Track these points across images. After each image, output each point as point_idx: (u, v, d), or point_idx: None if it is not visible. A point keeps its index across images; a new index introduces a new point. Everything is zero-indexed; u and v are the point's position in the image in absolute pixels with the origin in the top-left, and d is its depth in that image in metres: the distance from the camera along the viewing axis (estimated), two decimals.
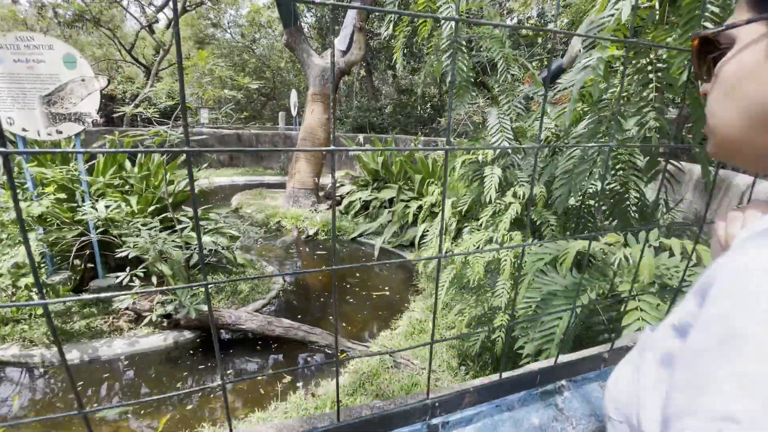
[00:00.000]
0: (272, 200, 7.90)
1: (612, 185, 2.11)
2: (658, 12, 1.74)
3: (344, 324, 3.75)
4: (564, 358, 0.70)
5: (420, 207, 5.50)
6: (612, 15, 1.49)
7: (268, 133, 12.31)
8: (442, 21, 2.42)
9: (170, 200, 4.44)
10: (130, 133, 3.29)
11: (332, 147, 0.53)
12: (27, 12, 13.55)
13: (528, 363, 1.83)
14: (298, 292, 4.50)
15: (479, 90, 2.93)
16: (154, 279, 3.27)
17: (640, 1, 1.76)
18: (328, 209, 7.31)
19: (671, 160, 1.87)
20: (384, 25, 2.74)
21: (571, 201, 2.32)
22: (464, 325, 2.75)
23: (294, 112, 12.24)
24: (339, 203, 7.63)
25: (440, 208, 3.49)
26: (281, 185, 9.24)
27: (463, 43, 2.44)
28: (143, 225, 3.46)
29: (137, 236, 3.07)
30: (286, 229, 6.48)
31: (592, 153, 1.81)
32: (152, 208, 3.65)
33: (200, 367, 3.05)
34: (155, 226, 3.52)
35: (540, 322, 1.37)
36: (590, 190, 2.40)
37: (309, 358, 3.18)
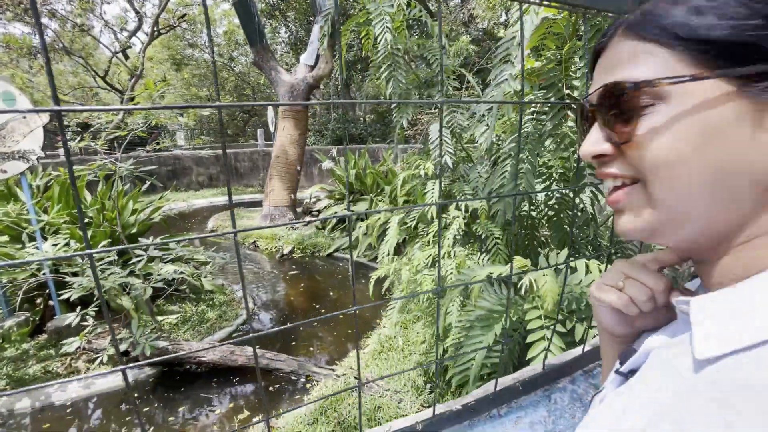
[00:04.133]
0: (249, 220, 7.81)
1: (550, 200, 2.07)
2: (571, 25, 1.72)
3: (310, 348, 3.66)
4: None
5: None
6: (513, 37, 1.46)
7: (247, 151, 12.24)
8: (378, 36, 2.39)
9: (132, 230, 4.35)
10: (75, 168, 3.20)
11: (438, 201, 0.56)
12: None
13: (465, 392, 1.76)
14: (268, 316, 4.40)
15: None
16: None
17: (552, 13, 1.73)
18: (305, 225, 7.23)
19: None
20: (319, 38, 2.71)
21: (520, 210, 2.28)
22: (419, 341, 2.68)
23: (272, 128, 12.19)
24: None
25: (389, 225, 3.43)
26: (260, 203, 9.14)
27: (400, 55, 2.41)
28: (97, 260, 3.36)
29: (84, 275, 2.97)
30: (260, 249, 6.38)
31: (520, 169, 1.77)
32: (106, 241, 3.55)
33: (160, 404, 2.94)
34: (111, 260, 3.42)
35: (461, 354, 1.31)
36: (539, 198, 2.36)
37: (272, 388, 3.08)
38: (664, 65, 0.31)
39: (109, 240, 3.58)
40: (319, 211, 7.53)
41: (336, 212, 6.72)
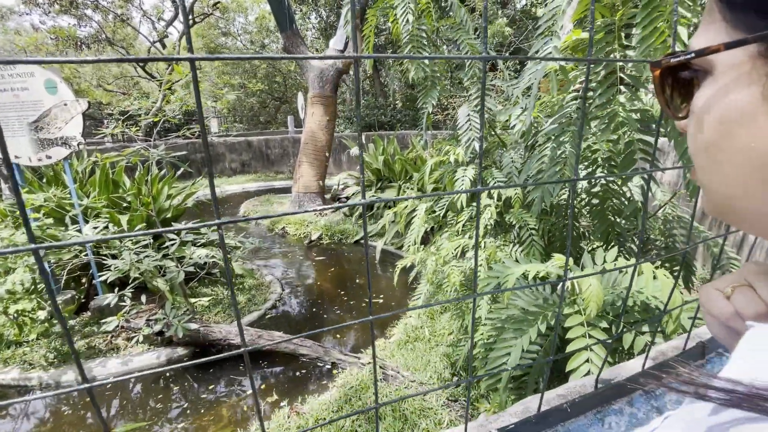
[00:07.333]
0: (279, 206, 7.92)
1: (593, 187, 1.90)
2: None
3: (337, 335, 3.66)
4: None
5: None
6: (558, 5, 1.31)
7: (277, 138, 12.39)
8: (399, 17, 2.26)
9: (166, 215, 4.49)
10: (111, 154, 3.31)
11: (479, 187, 0.51)
12: (46, 38, 14.19)
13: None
14: (295, 300, 4.45)
15: (453, 85, 2.75)
16: (143, 297, 3.28)
17: None
18: (333, 212, 7.25)
19: (649, 156, 1.65)
20: (343, 17, 2.60)
21: (554, 199, 2.13)
22: (447, 333, 2.59)
23: (302, 115, 12.25)
24: None
25: (416, 213, 3.33)
26: (290, 190, 9.25)
27: (426, 37, 2.27)
28: (134, 243, 3.49)
29: (120, 258, 3.08)
30: (289, 234, 6.46)
31: (560, 153, 1.62)
32: (141, 225, 3.67)
33: (192, 384, 3.05)
34: (147, 244, 3.54)
35: (491, 358, 1.21)
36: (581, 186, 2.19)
37: (298, 373, 3.11)
38: (712, 29, 0.25)
39: (145, 224, 3.70)
40: (347, 198, 7.52)
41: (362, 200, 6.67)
